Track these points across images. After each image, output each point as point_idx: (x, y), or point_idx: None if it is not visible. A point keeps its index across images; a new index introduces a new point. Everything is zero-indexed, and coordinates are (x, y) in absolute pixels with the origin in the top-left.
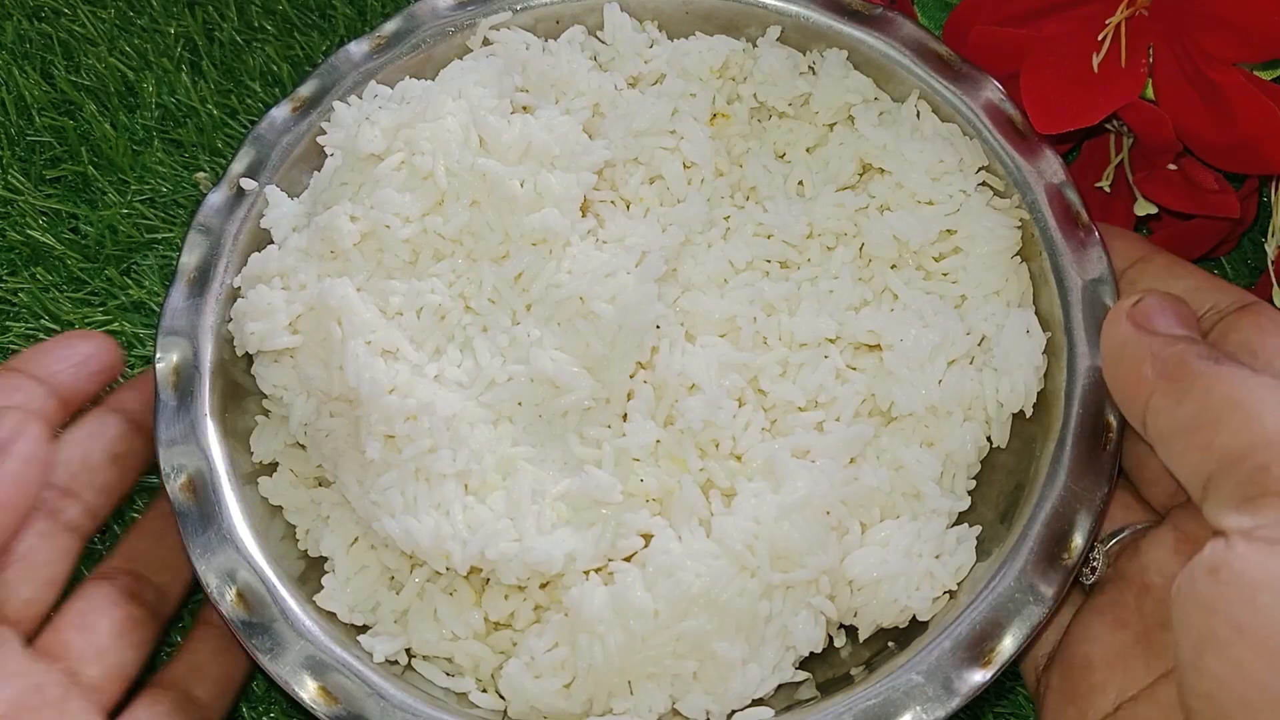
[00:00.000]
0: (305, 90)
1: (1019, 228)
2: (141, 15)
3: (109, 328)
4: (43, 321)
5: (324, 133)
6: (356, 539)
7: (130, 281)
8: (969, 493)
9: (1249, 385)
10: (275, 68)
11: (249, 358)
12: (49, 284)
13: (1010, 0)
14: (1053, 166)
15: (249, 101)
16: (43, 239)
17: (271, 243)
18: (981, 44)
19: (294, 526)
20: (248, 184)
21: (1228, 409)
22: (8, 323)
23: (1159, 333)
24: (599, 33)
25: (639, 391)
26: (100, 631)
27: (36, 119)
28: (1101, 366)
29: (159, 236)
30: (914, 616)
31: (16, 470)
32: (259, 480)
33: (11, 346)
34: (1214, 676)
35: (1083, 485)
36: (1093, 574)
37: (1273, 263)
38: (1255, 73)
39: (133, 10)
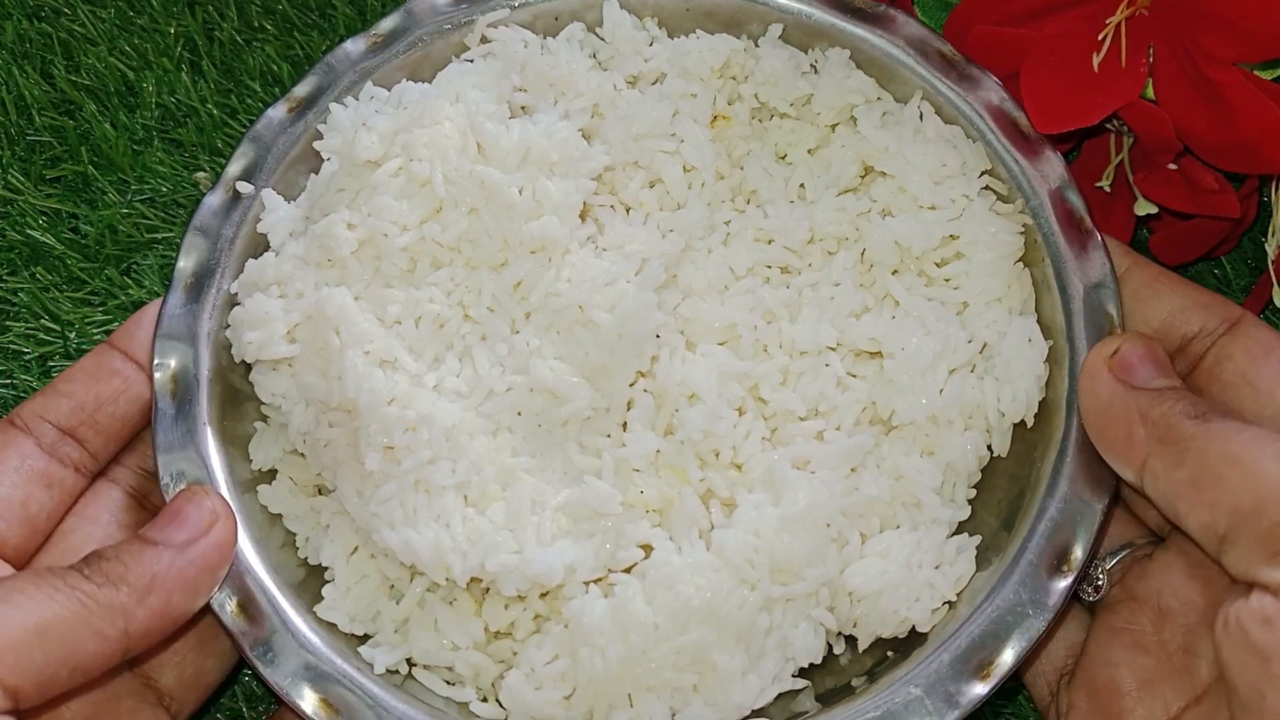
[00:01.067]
0: (301, 90)
1: (1022, 233)
2: (141, 15)
3: (109, 328)
4: (43, 321)
5: (320, 135)
6: (356, 548)
7: (130, 281)
8: (969, 500)
9: (1241, 440)
10: (275, 68)
11: (247, 363)
12: (49, 284)
13: (1010, 0)
14: (1056, 169)
15: (249, 101)
16: (43, 239)
17: (268, 248)
18: (982, 44)
19: (294, 534)
20: (244, 187)
21: (1226, 466)
22: (8, 323)
23: (1142, 386)
24: (598, 29)
25: (639, 400)
26: (181, 639)
27: (36, 119)
28: (1083, 420)
29: (159, 236)
30: (914, 627)
31: (209, 557)
32: (258, 488)
33: (11, 346)
34: (1275, 711)
35: (1084, 497)
36: (1096, 593)
37: (1273, 262)
38: (1255, 73)
39: (133, 10)
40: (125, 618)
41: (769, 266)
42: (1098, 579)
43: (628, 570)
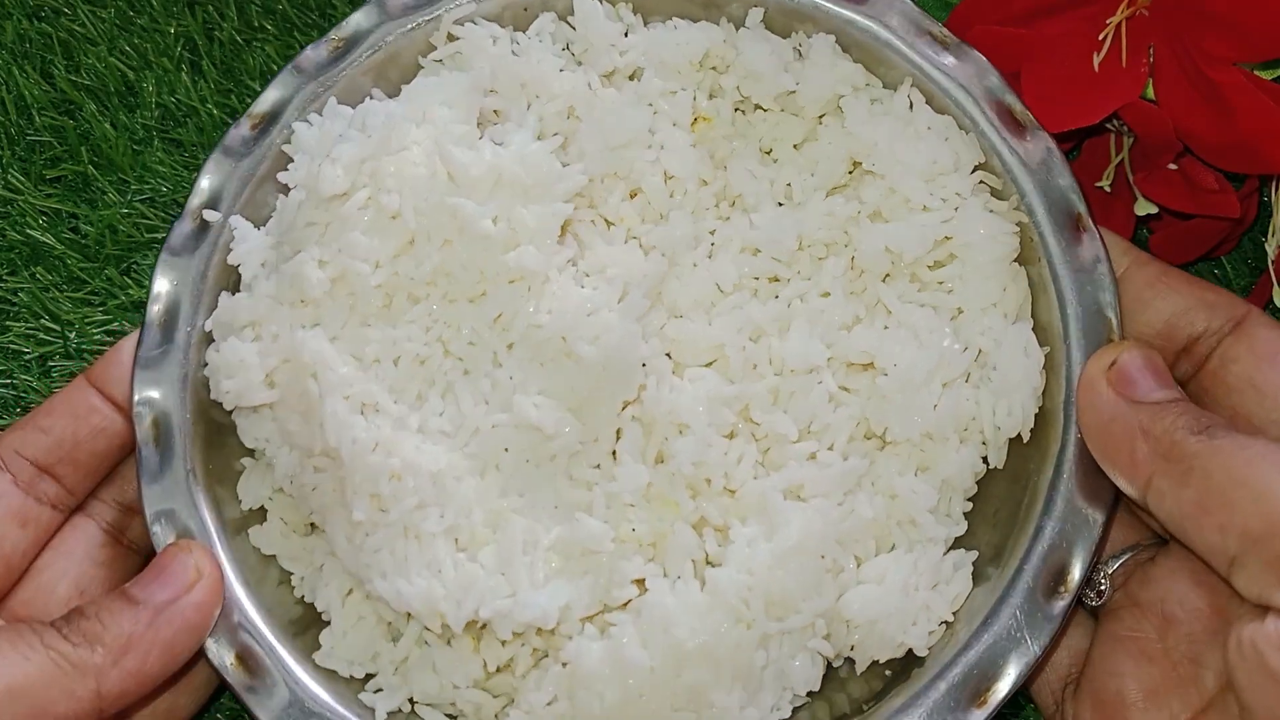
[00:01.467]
0: (263, 105)
1: (1017, 232)
2: (141, 15)
3: (109, 328)
4: (43, 321)
5: (286, 156)
6: (351, 590)
7: (130, 281)
8: (965, 514)
9: (1247, 459)
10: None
11: None
12: (49, 284)
13: (1011, 0)
14: (1052, 161)
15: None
16: (43, 239)
17: (240, 279)
18: (983, 43)
19: (289, 572)
20: (211, 215)
21: (1234, 489)
22: (8, 322)
23: (1143, 400)
24: (570, 18)
25: (627, 429)
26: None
27: (36, 119)
28: (1084, 437)
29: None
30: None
31: (188, 618)
32: (249, 530)
33: (11, 346)
34: None
35: (1081, 513)
36: (1099, 598)
37: (1273, 262)
38: (1255, 73)
39: (133, 10)
40: (98, 679)
41: (756, 278)
42: (1100, 584)
43: (624, 606)
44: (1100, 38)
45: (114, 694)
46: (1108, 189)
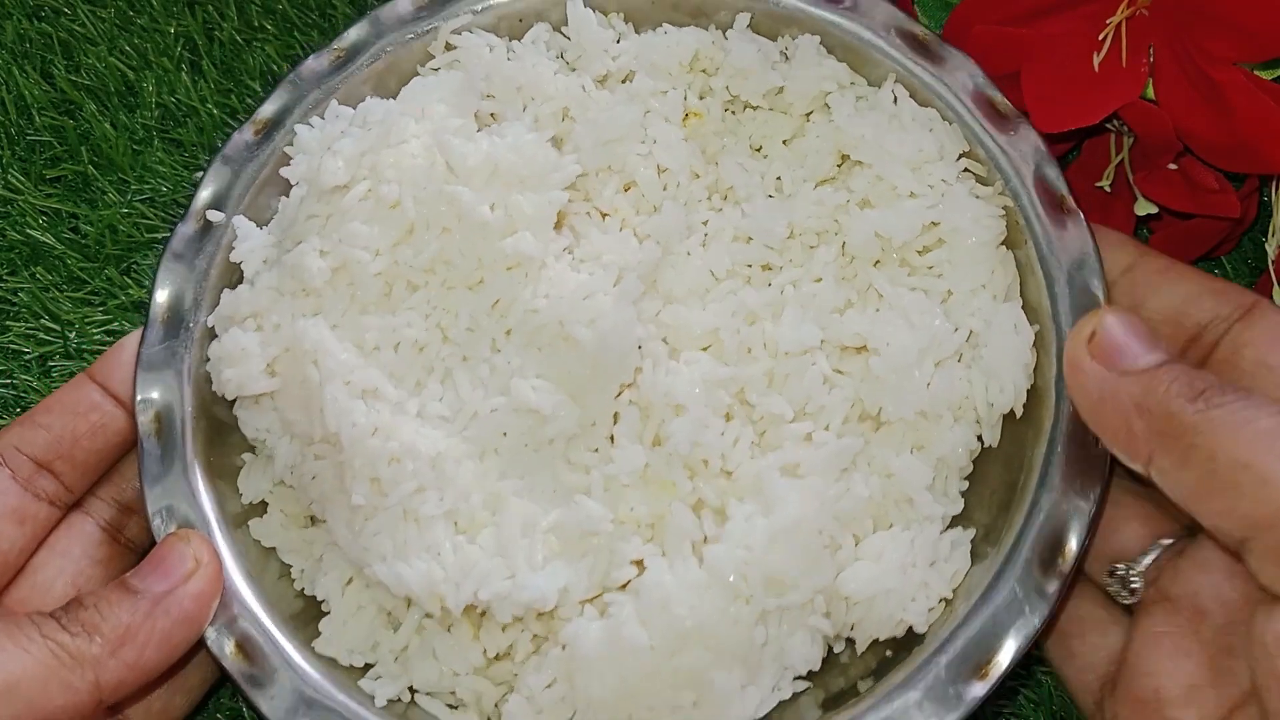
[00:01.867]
0: (266, 112)
1: (1003, 216)
2: (141, 15)
3: (109, 328)
4: (43, 321)
5: (288, 158)
6: (351, 579)
7: (130, 281)
8: (961, 493)
9: (1249, 440)
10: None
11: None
12: (49, 284)
13: (1011, 0)
14: (1035, 147)
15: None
16: (43, 239)
17: (243, 277)
18: (982, 43)
19: (289, 565)
20: (215, 216)
21: (1238, 472)
22: (8, 322)
23: (1130, 370)
24: (564, 29)
25: (624, 413)
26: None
27: (36, 119)
28: (1081, 416)
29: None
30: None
31: (186, 608)
32: (250, 522)
33: (11, 346)
34: None
35: (1075, 486)
36: (1132, 595)
37: (1273, 262)
38: (1255, 73)
39: (133, 10)
40: (96, 670)
41: (749, 266)
42: (1132, 581)
43: (622, 587)
44: (1100, 38)
45: (112, 685)
46: (1108, 189)
